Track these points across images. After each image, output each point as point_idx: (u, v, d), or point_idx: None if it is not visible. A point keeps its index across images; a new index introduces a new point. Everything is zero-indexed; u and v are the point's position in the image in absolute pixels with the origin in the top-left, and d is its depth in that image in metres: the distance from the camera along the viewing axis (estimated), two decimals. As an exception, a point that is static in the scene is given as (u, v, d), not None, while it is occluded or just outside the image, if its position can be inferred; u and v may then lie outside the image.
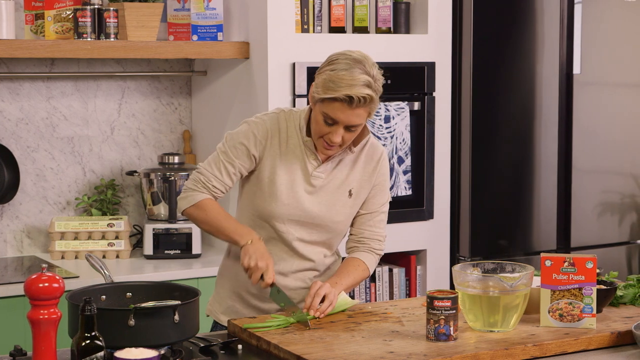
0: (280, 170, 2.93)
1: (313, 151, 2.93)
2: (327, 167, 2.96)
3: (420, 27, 4.40)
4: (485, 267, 2.80)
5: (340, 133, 2.81)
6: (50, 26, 4.01)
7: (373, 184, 3.02)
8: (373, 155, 3.01)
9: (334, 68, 2.78)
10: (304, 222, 2.95)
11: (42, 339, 2.29)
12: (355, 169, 2.99)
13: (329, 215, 2.96)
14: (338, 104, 2.76)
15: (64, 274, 3.81)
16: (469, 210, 4.44)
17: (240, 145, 2.93)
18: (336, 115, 2.78)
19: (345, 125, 2.80)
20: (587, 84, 4.66)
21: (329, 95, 2.76)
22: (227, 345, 2.65)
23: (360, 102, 2.75)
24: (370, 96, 2.76)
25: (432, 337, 2.59)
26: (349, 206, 2.99)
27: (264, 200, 2.95)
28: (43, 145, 4.26)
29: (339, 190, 2.97)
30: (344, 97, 2.74)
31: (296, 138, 2.94)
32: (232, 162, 2.93)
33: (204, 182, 2.95)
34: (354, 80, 2.75)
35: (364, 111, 2.79)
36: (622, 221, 4.84)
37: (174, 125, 4.53)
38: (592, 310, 2.72)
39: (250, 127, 2.94)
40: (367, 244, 3.04)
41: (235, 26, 4.25)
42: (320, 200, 2.95)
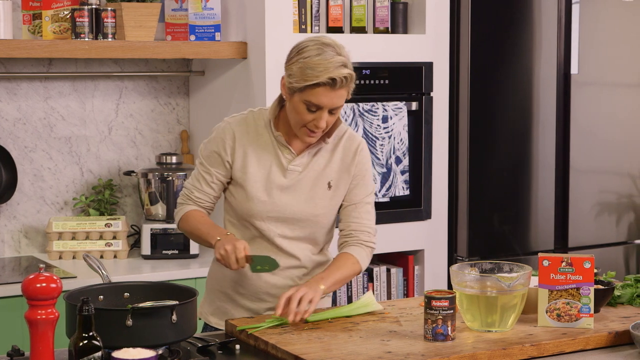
0: (253, 169, 2.94)
1: (286, 145, 2.94)
2: (303, 160, 2.95)
3: (417, 27, 4.40)
4: (483, 267, 2.80)
5: (324, 117, 2.82)
6: (47, 26, 4.01)
7: (353, 175, 3.00)
8: (351, 146, 3.00)
9: (306, 55, 2.79)
10: (284, 218, 2.94)
11: (40, 339, 2.28)
12: (333, 161, 2.98)
13: (308, 209, 2.95)
14: (321, 88, 2.78)
15: (61, 274, 3.81)
16: (466, 210, 4.45)
17: (213, 154, 2.97)
18: (320, 101, 2.79)
19: (329, 108, 2.81)
20: (585, 84, 4.66)
21: (310, 82, 2.77)
22: (225, 345, 2.65)
23: (343, 82, 2.78)
24: (350, 75, 2.80)
25: (429, 337, 2.59)
26: (329, 198, 2.97)
27: (241, 201, 2.96)
28: (41, 145, 4.26)
29: (317, 183, 2.96)
30: (327, 81, 2.76)
31: (267, 135, 2.96)
32: (209, 171, 2.98)
33: (187, 195, 3.03)
34: (330, 63, 2.77)
35: (345, 91, 2.82)
36: (619, 221, 4.84)
37: (172, 125, 4.53)
38: (590, 310, 2.72)
39: (219, 134, 2.98)
40: (355, 237, 3.00)
41: (233, 26, 4.25)
42: (298, 195, 2.94)
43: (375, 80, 4.25)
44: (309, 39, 2.86)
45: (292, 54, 2.85)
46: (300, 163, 2.95)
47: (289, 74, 2.83)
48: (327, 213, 2.99)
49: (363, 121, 4.18)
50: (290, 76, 2.82)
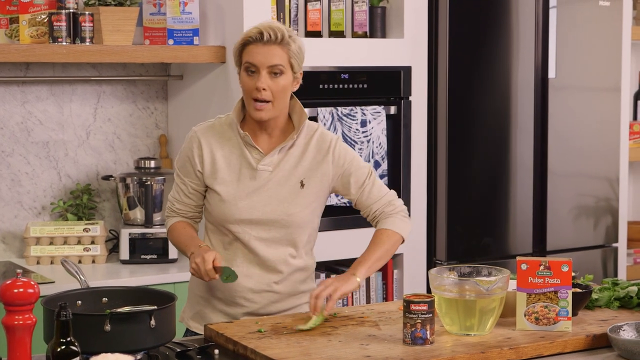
0: (223, 174, 2.95)
1: (253, 144, 2.95)
2: (273, 159, 2.95)
3: (396, 32, 4.41)
4: (462, 271, 2.81)
5: (265, 78, 2.86)
6: (25, 30, 3.99)
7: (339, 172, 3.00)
8: (322, 144, 3.01)
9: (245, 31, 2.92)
10: (257, 219, 2.94)
11: (17, 345, 2.27)
12: (305, 159, 2.98)
13: (281, 208, 2.95)
14: (252, 45, 2.87)
15: (39, 279, 3.79)
16: (445, 214, 4.45)
17: (184, 164, 3.03)
18: (254, 59, 2.86)
19: (266, 67, 2.85)
20: (562, 88, 4.68)
21: (242, 40, 2.88)
22: (204, 350, 2.64)
23: (271, 36, 2.85)
24: (280, 29, 2.86)
25: (408, 341, 2.60)
26: (302, 196, 2.97)
27: (215, 206, 2.97)
28: (18, 150, 4.24)
29: (289, 182, 2.96)
30: (256, 35, 2.85)
31: (234, 138, 2.97)
32: (184, 182, 3.03)
33: (170, 207, 3.10)
34: (262, 24, 2.88)
35: (281, 51, 2.87)
36: (597, 224, 4.86)
37: (150, 129, 4.52)
38: (568, 313, 2.73)
39: (187, 144, 3.03)
40: (379, 214, 3.04)
41: (211, 30, 4.25)
42: (269, 195, 2.94)
43: (354, 84, 4.25)
44: None
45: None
46: (270, 162, 2.95)
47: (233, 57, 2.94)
48: (300, 212, 2.97)
49: (342, 125, 4.18)
50: (233, 55, 2.94)
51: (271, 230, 2.96)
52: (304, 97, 4.19)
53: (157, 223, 4.20)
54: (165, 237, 4.13)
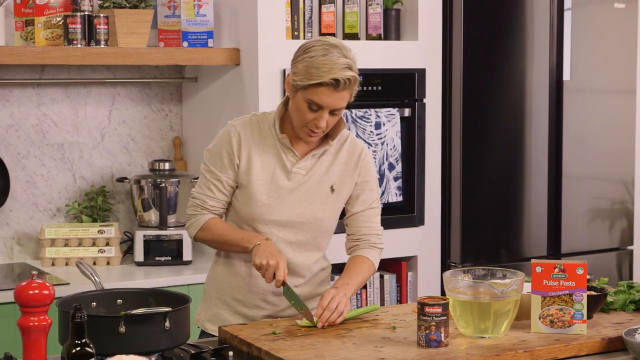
0: (257, 171, 2.93)
1: (290, 147, 2.94)
2: (307, 164, 2.96)
3: (410, 34, 4.40)
4: (476, 274, 2.80)
5: (325, 118, 2.83)
6: (40, 33, 4.00)
7: (359, 181, 3.02)
8: (354, 151, 3.02)
9: (312, 55, 2.80)
10: (287, 221, 2.94)
11: (33, 346, 2.28)
12: (336, 165, 2.99)
13: (311, 211, 2.95)
14: (324, 88, 2.78)
15: (54, 280, 3.80)
16: (459, 216, 4.45)
17: (221, 158, 2.96)
18: (322, 100, 2.80)
19: (330, 109, 2.82)
20: (577, 90, 4.67)
21: (314, 81, 2.78)
22: (218, 352, 2.64)
23: (346, 84, 2.79)
24: (354, 77, 2.81)
25: (423, 343, 2.59)
26: (332, 202, 2.98)
27: (244, 204, 2.96)
28: (33, 152, 4.25)
29: (320, 186, 2.96)
30: (330, 81, 2.77)
31: (271, 138, 2.96)
32: (218, 177, 2.96)
33: (200, 204, 3.00)
34: (335, 64, 2.78)
35: (348, 93, 2.83)
36: (612, 227, 4.85)
37: (165, 131, 4.52)
38: (583, 316, 2.72)
39: (224, 137, 2.98)
40: (366, 240, 3.04)
41: (225, 33, 4.25)
42: (300, 197, 2.94)
43: (368, 86, 4.25)
44: (316, 39, 2.87)
45: (298, 52, 2.87)
46: (304, 166, 2.95)
47: (294, 72, 2.84)
48: (329, 217, 2.99)
49: (356, 127, 4.18)
50: (295, 74, 2.84)
51: (298, 233, 2.96)
52: (318, 100, 4.20)
53: (171, 225, 4.21)
54: (180, 239, 4.14)
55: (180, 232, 4.15)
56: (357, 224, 3.05)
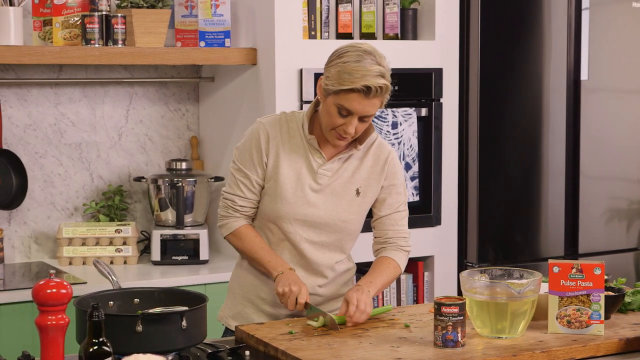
0: (284, 169, 2.94)
1: (317, 149, 2.94)
2: (334, 166, 2.96)
3: (427, 34, 4.40)
4: (493, 274, 2.80)
5: (354, 124, 2.83)
6: (58, 32, 4.02)
7: (385, 184, 3.01)
8: (380, 154, 3.02)
9: (345, 60, 2.80)
10: (311, 221, 2.94)
11: (50, 345, 2.29)
12: (362, 168, 2.99)
13: (336, 213, 2.95)
14: (355, 94, 2.78)
15: (71, 279, 3.81)
16: (476, 216, 4.44)
17: (250, 156, 2.96)
18: (352, 106, 2.80)
19: (360, 115, 2.82)
20: (595, 90, 4.65)
21: (345, 87, 2.78)
22: (235, 351, 2.65)
23: (377, 92, 2.78)
24: (386, 85, 2.81)
25: (439, 343, 2.59)
26: (357, 204, 2.98)
27: (270, 201, 2.96)
28: (51, 151, 4.27)
29: (346, 188, 2.97)
30: (362, 88, 2.77)
31: (299, 138, 2.96)
32: (248, 176, 2.97)
33: (231, 205, 3.00)
34: (368, 71, 2.78)
35: (379, 101, 2.82)
36: (630, 227, 4.83)
37: (182, 131, 4.53)
38: (600, 316, 2.71)
39: (253, 134, 2.97)
40: (393, 243, 3.03)
41: (242, 32, 4.26)
42: (326, 199, 2.95)
43: (385, 86, 4.24)
44: (351, 44, 2.87)
45: (332, 56, 2.87)
46: (330, 168, 2.96)
47: (326, 76, 2.85)
48: (355, 219, 2.99)
49: (374, 121, 4.18)
50: (327, 78, 2.84)
51: (322, 234, 2.97)
52: (335, 99, 4.19)
53: (188, 224, 4.22)
54: (197, 239, 4.14)
55: (197, 232, 4.16)
56: (384, 227, 3.05)
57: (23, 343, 3.49)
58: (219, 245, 4.36)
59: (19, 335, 3.59)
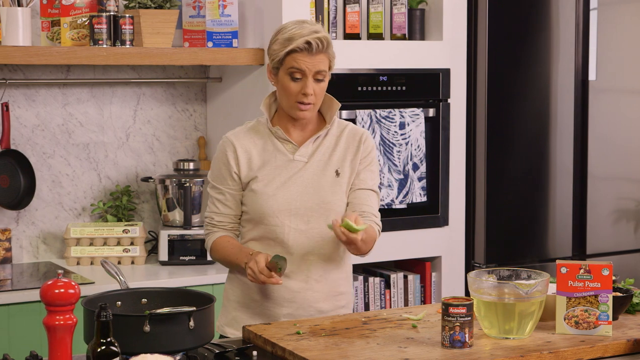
0: (258, 169, 2.98)
1: (286, 138, 2.99)
2: (307, 150, 3.00)
3: (435, 34, 4.40)
4: (501, 274, 2.80)
5: (310, 84, 2.92)
6: (66, 33, 4.02)
7: (362, 161, 3.04)
8: (355, 136, 3.06)
9: (283, 31, 2.94)
10: (296, 209, 2.96)
11: (58, 345, 2.29)
12: (338, 149, 3.03)
13: (319, 196, 2.97)
14: (299, 54, 2.89)
15: (79, 279, 3.82)
16: (484, 216, 4.44)
17: (219, 173, 3.03)
18: (300, 65, 2.89)
19: (312, 73, 2.90)
20: (603, 90, 4.65)
21: (288, 48, 2.89)
22: (242, 351, 2.65)
23: (319, 46, 2.90)
24: (325, 38, 2.92)
25: (447, 344, 2.59)
26: (339, 185, 3.00)
27: (252, 203, 2.98)
28: (59, 152, 4.27)
29: (325, 171, 3.00)
30: (303, 45, 2.89)
31: (266, 135, 3.02)
32: (221, 191, 3.03)
33: (209, 222, 3.08)
34: (305, 30, 2.91)
35: (324, 57, 2.93)
36: (638, 228, 4.82)
37: (189, 131, 4.54)
38: (608, 317, 2.71)
39: (220, 150, 3.04)
40: (367, 217, 3.00)
41: (250, 33, 4.26)
42: (306, 184, 2.97)
43: (393, 86, 4.25)
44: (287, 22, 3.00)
45: (272, 37, 2.99)
46: (305, 153, 2.99)
47: (271, 55, 2.96)
48: (337, 200, 3.00)
49: (380, 127, 4.18)
50: (272, 55, 2.95)
51: (310, 220, 2.97)
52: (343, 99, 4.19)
53: (195, 225, 4.22)
54: (204, 239, 4.14)
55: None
56: (359, 200, 3.03)
57: (31, 343, 3.50)
58: (227, 245, 4.36)
59: (27, 335, 3.60)
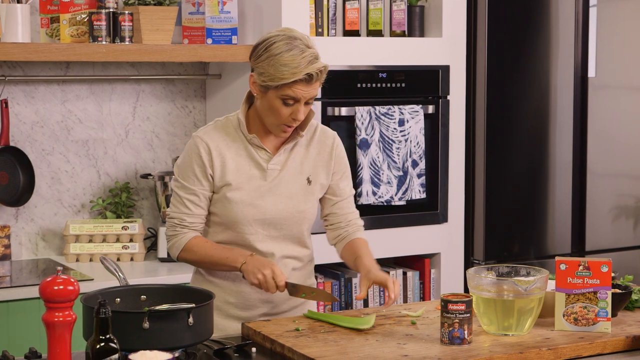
0: (232, 174, 2.91)
1: (261, 146, 2.94)
2: (281, 158, 2.95)
3: (434, 31, 4.40)
4: (500, 271, 2.80)
5: (302, 110, 2.85)
6: (65, 29, 4.02)
7: (337, 169, 3.03)
8: (325, 140, 3.02)
9: (275, 52, 2.79)
10: (270, 219, 2.93)
11: (57, 342, 2.29)
12: (309, 156, 2.99)
13: (292, 205, 2.95)
14: (298, 84, 2.80)
15: (78, 276, 3.82)
16: (483, 213, 4.44)
17: (192, 173, 2.93)
18: (297, 94, 2.81)
19: (305, 100, 2.84)
20: (602, 87, 4.65)
21: (288, 79, 2.78)
22: (241, 348, 2.65)
23: (319, 75, 2.82)
24: (324, 67, 2.84)
25: (446, 340, 2.59)
26: (310, 193, 2.99)
27: (225, 209, 2.93)
28: (58, 149, 4.27)
29: (297, 179, 2.97)
30: (304, 77, 2.78)
31: (239, 140, 2.95)
32: (194, 192, 2.93)
33: (179, 224, 2.96)
34: (303, 58, 2.79)
35: (318, 83, 2.85)
36: (637, 225, 4.82)
37: (189, 128, 4.54)
38: (607, 314, 2.71)
39: (192, 150, 2.94)
40: (354, 224, 3.07)
41: (249, 29, 4.26)
42: (280, 193, 2.94)
43: (392, 83, 4.24)
44: (274, 34, 2.85)
45: (259, 50, 2.84)
46: (278, 161, 2.95)
47: (259, 72, 2.83)
48: (310, 208, 2.99)
49: (379, 124, 4.18)
50: (262, 75, 2.82)
51: (283, 228, 2.96)
52: (342, 97, 4.21)
53: (195, 221, 4.22)
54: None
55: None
56: (343, 210, 3.06)
57: (30, 340, 3.50)
58: (226, 242, 4.36)
59: (26, 332, 3.60)
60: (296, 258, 3.02)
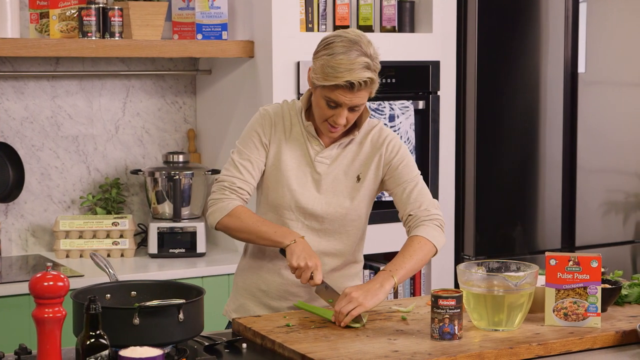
0: (285, 157, 2.92)
1: (315, 136, 2.93)
2: (332, 153, 2.94)
3: (424, 26, 4.40)
4: (490, 266, 2.80)
5: (344, 115, 2.81)
6: (55, 25, 4.01)
7: (391, 163, 2.94)
8: (378, 139, 2.97)
9: (330, 52, 2.76)
10: (312, 210, 2.92)
11: (47, 338, 2.29)
12: (361, 154, 2.96)
13: (337, 201, 2.93)
14: (339, 90, 2.76)
15: (68, 272, 3.81)
16: (473, 209, 4.44)
17: (252, 139, 2.93)
18: (339, 100, 2.78)
19: (348, 107, 2.80)
20: (592, 83, 4.66)
21: (329, 82, 2.75)
22: (232, 344, 2.65)
23: (361, 85, 2.75)
24: (370, 79, 2.77)
25: (436, 336, 2.59)
26: (358, 191, 2.95)
27: (273, 189, 2.94)
28: (48, 144, 4.26)
29: (346, 176, 2.94)
30: (345, 84, 2.74)
31: (298, 125, 2.95)
32: (249, 158, 2.92)
33: (228, 187, 2.91)
34: (352, 65, 2.74)
35: (366, 92, 2.79)
36: (626, 220, 4.83)
37: (179, 124, 4.53)
38: (597, 309, 2.72)
39: (257, 120, 2.96)
40: (415, 218, 2.92)
41: (239, 25, 4.25)
42: (327, 187, 2.93)
43: (382, 79, 4.21)
44: (337, 34, 2.82)
45: (319, 47, 2.82)
46: (329, 156, 2.94)
47: (313, 69, 2.82)
48: (357, 206, 2.96)
49: (370, 118, 4.17)
50: (314, 71, 2.81)
51: (325, 222, 2.94)
52: (332, 92, 4.18)
53: (185, 217, 4.22)
54: (194, 232, 4.14)
55: (194, 224, 4.15)
56: (401, 205, 2.95)
57: (20, 336, 3.49)
58: (216, 238, 4.36)
59: (16, 328, 3.59)
60: (335, 256, 2.98)
